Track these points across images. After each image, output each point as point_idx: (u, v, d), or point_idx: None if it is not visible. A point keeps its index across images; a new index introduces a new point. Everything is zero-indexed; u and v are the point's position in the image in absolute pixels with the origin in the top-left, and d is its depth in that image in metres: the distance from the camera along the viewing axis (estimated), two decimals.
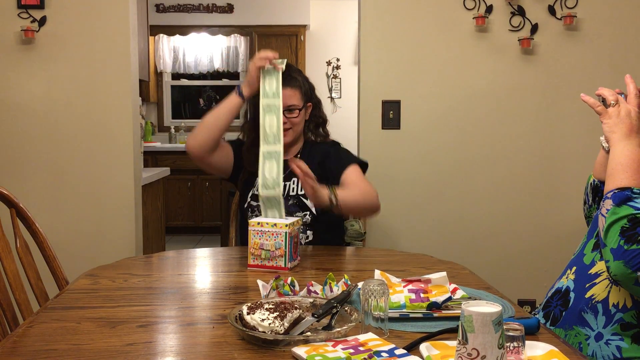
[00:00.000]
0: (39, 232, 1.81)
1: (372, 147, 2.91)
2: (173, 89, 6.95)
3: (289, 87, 2.09)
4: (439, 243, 2.93)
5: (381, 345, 1.13)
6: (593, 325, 1.35)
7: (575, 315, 1.39)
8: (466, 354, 0.90)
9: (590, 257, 1.43)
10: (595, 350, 1.33)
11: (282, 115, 2.00)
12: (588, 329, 1.35)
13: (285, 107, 2.08)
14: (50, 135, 2.90)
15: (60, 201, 2.92)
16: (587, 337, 1.35)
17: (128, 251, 2.91)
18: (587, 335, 1.35)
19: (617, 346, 1.31)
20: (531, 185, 2.93)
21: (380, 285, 1.22)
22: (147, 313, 1.39)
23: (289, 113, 2.11)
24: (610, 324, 1.33)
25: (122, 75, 2.89)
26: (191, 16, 6.53)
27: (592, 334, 1.34)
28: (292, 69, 2.18)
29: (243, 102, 2.09)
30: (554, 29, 2.86)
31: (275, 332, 1.15)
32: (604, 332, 1.33)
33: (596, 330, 1.34)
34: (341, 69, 6.53)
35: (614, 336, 1.31)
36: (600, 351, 1.32)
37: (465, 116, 2.91)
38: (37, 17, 2.85)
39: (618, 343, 1.31)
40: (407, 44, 2.88)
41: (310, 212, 2.10)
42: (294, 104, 2.12)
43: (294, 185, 2.12)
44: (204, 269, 1.89)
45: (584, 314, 1.38)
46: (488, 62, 2.88)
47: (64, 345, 1.19)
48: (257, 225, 1.75)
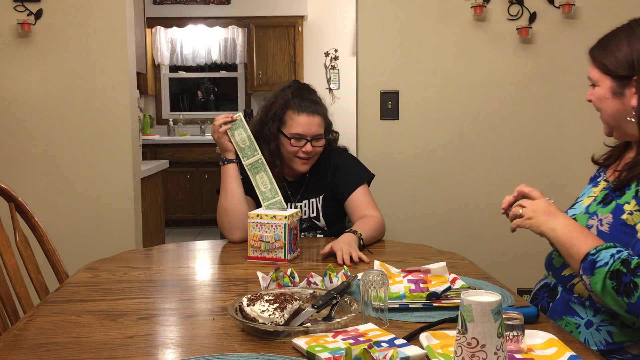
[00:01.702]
0: (38, 226, 1.81)
1: (370, 138, 2.91)
2: (171, 81, 6.93)
3: (317, 114, 2.03)
4: (438, 233, 2.93)
5: (381, 336, 1.14)
6: (582, 314, 1.37)
7: (564, 306, 1.41)
8: (466, 343, 0.90)
9: (560, 260, 1.44)
10: (587, 338, 1.34)
11: (309, 144, 2.00)
12: (577, 318, 1.37)
13: (313, 136, 2.02)
14: (48, 129, 2.90)
15: (59, 195, 2.92)
16: (578, 326, 1.36)
17: (128, 244, 2.91)
18: (577, 323, 1.37)
19: (608, 331, 1.32)
20: (530, 175, 2.93)
21: (380, 276, 1.23)
22: (147, 306, 1.40)
23: (315, 142, 2.03)
24: (599, 312, 1.34)
25: (119, 68, 2.88)
26: (188, 8, 6.51)
27: (582, 322, 1.36)
28: (313, 91, 2.11)
29: (236, 163, 2.01)
30: (553, 18, 2.85)
31: (275, 324, 1.15)
32: (594, 320, 1.34)
33: (585, 318, 1.36)
34: (339, 60, 6.50)
35: (603, 322, 1.33)
36: (592, 338, 1.34)
37: (463, 106, 2.90)
38: (34, 10, 2.84)
39: (608, 328, 1.32)
40: (405, 34, 2.88)
41: (322, 230, 2.15)
42: (320, 133, 2.05)
43: (306, 208, 2.12)
44: (204, 261, 1.89)
45: (572, 304, 1.39)
46: (486, 52, 2.88)
47: (65, 339, 1.19)
48: (257, 217, 1.75)
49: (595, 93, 1.43)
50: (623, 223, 1.31)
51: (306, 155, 2.03)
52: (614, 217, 1.34)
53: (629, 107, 1.37)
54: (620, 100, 1.38)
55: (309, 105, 2.03)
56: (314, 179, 2.13)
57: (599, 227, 1.36)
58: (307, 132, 2.01)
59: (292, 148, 2.03)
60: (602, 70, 1.40)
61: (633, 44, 1.36)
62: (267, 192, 1.92)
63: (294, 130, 2.02)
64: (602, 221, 1.36)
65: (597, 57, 1.42)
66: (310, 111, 2.02)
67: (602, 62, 1.40)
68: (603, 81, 1.40)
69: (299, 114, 2.02)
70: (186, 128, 6.73)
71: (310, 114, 2.02)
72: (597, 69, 1.42)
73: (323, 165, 2.13)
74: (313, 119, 2.01)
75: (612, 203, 1.37)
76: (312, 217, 2.13)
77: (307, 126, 2.01)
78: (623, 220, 1.32)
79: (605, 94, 1.40)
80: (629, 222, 1.30)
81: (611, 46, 1.40)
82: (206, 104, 7.03)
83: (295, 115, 2.02)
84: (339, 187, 2.10)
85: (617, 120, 1.41)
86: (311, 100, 2.05)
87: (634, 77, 1.35)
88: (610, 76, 1.39)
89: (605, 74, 1.40)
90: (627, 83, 1.37)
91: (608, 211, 1.36)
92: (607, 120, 1.44)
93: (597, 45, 1.45)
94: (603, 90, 1.41)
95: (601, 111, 1.44)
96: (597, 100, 1.43)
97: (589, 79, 1.45)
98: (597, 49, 1.44)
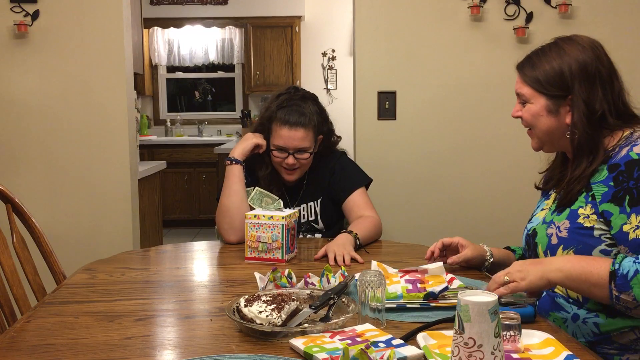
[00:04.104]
0: (35, 227, 1.81)
1: (368, 138, 2.91)
2: (168, 82, 6.92)
3: (300, 127, 1.99)
4: (435, 233, 2.92)
5: (378, 336, 1.14)
6: (567, 308, 1.39)
7: (549, 302, 1.43)
8: (463, 343, 0.91)
9: None
10: (575, 331, 1.37)
11: (291, 157, 2.00)
12: (564, 312, 1.39)
13: (295, 150, 2.01)
14: (45, 130, 2.89)
15: (56, 196, 2.91)
16: (565, 320, 1.39)
17: (125, 245, 2.91)
18: (564, 318, 1.39)
19: (595, 323, 1.34)
20: (527, 174, 2.92)
21: (377, 276, 1.23)
22: (144, 307, 1.40)
23: (299, 154, 2.02)
24: (583, 306, 1.36)
25: (116, 68, 2.88)
26: (185, 8, 6.50)
27: (568, 317, 1.38)
28: (305, 100, 2.07)
29: (243, 166, 2.01)
30: (549, 18, 2.85)
31: (272, 324, 1.16)
32: (580, 313, 1.37)
33: (571, 312, 1.38)
34: (337, 60, 6.51)
35: (589, 314, 1.35)
36: (579, 330, 1.36)
37: (460, 106, 2.91)
38: (30, 11, 2.83)
39: (595, 320, 1.34)
40: (402, 34, 2.88)
41: (320, 232, 2.15)
42: (304, 147, 2.02)
43: (305, 212, 2.13)
44: (202, 262, 1.89)
45: (556, 300, 1.42)
46: (483, 52, 2.88)
47: (62, 340, 1.19)
48: (254, 217, 1.75)
49: (529, 110, 1.45)
50: (580, 226, 1.36)
51: (289, 167, 2.03)
52: (570, 222, 1.38)
53: (564, 125, 1.42)
54: (556, 117, 1.42)
55: (292, 117, 2.00)
56: (312, 182, 2.14)
57: (558, 234, 1.40)
58: (288, 145, 2.00)
59: (276, 159, 2.04)
60: (536, 88, 1.42)
61: (564, 62, 1.39)
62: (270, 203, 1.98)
63: (276, 142, 2.02)
64: (559, 228, 1.40)
65: (529, 74, 1.44)
66: (292, 124, 1.99)
67: (535, 80, 1.42)
68: (536, 99, 1.43)
69: (282, 127, 2.00)
70: (183, 129, 6.72)
71: (292, 127, 1.99)
72: (530, 87, 1.44)
73: (321, 169, 2.14)
74: (295, 133, 1.99)
75: (565, 210, 1.41)
76: (311, 220, 2.13)
77: (288, 140, 2.00)
78: (580, 223, 1.36)
79: (539, 111, 1.43)
80: (585, 224, 1.35)
81: (542, 64, 1.42)
82: (204, 105, 7.03)
83: (278, 128, 2.01)
84: (337, 190, 2.11)
85: (551, 136, 1.45)
86: (298, 112, 2.01)
87: (569, 96, 1.39)
88: (545, 95, 1.42)
89: (540, 93, 1.42)
90: (562, 102, 1.40)
91: (564, 218, 1.40)
92: (539, 136, 1.47)
93: (525, 62, 1.47)
94: (537, 107, 1.43)
95: (534, 127, 1.46)
96: (530, 118, 1.45)
97: (519, 95, 1.47)
98: (526, 66, 1.46)
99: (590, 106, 1.38)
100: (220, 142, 5.96)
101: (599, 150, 1.37)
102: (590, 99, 1.38)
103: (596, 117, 1.38)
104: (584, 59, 1.38)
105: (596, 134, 1.38)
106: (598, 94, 1.38)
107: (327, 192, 2.12)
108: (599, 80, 1.38)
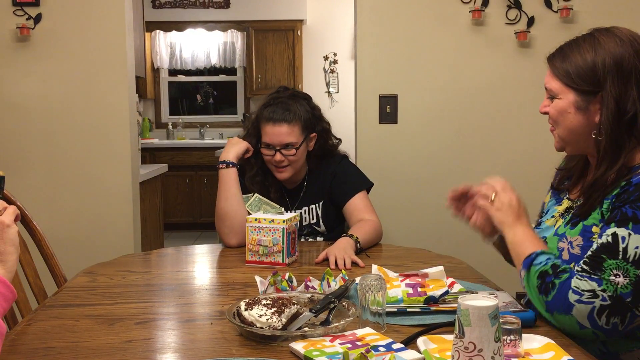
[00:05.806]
0: (36, 230, 1.81)
1: (369, 142, 2.91)
2: (170, 85, 6.94)
3: (284, 122, 1.98)
4: (437, 237, 2.93)
5: (379, 340, 1.14)
6: None
7: None
8: (463, 348, 0.91)
9: None
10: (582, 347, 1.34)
11: (278, 154, 2.00)
12: None
13: (282, 145, 2.00)
14: (47, 133, 2.90)
15: (58, 199, 2.92)
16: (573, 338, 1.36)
17: (126, 248, 2.91)
18: None
19: (603, 341, 1.31)
20: (528, 179, 2.93)
21: (378, 280, 1.23)
22: (145, 310, 1.40)
23: (285, 150, 2.00)
24: None
25: (118, 71, 2.89)
26: (187, 12, 6.51)
27: None
28: (294, 98, 2.06)
29: (237, 168, 2.02)
30: (551, 22, 2.85)
31: (273, 328, 1.15)
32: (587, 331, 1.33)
33: None
34: (338, 64, 6.51)
35: None
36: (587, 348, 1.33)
37: (462, 110, 2.91)
38: (33, 14, 2.84)
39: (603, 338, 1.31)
40: (403, 38, 2.88)
41: (322, 234, 2.15)
42: (290, 142, 2.00)
43: (306, 215, 2.13)
44: (202, 265, 1.89)
45: None
46: (485, 56, 2.88)
47: (63, 343, 1.19)
48: (255, 221, 1.75)
49: (556, 106, 1.34)
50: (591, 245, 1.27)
51: (277, 164, 2.03)
52: (583, 239, 1.32)
53: (592, 124, 1.31)
54: (584, 115, 1.31)
55: (276, 114, 1.99)
56: (313, 185, 2.14)
57: (570, 250, 1.34)
58: (273, 141, 2.00)
59: (265, 157, 2.05)
60: (565, 82, 1.32)
61: (598, 55, 1.28)
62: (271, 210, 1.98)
63: (263, 139, 2.03)
64: (572, 244, 1.34)
65: (559, 67, 1.33)
66: (276, 120, 1.99)
67: (565, 74, 1.31)
68: (565, 94, 1.32)
69: (266, 124, 2.01)
70: (185, 132, 6.73)
71: (277, 122, 1.99)
72: (559, 81, 1.33)
73: (322, 172, 2.14)
74: (279, 128, 1.99)
75: (579, 225, 1.33)
76: (312, 223, 2.13)
77: (272, 136, 2.00)
78: (592, 242, 1.28)
79: (567, 107, 1.33)
80: None
81: (574, 56, 1.31)
82: (205, 108, 7.04)
83: (264, 125, 2.02)
84: (338, 193, 2.11)
85: (576, 136, 1.35)
86: (282, 109, 2.00)
87: (600, 93, 1.28)
88: (574, 90, 1.31)
89: (569, 87, 1.32)
90: (592, 98, 1.29)
91: (576, 233, 1.33)
92: (563, 135, 1.37)
93: (557, 54, 1.35)
94: (564, 103, 1.33)
95: (558, 125, 1.37)
96: (556, 114, 1.35)
97: (547, 89, 1.37)
98: (557, 58, 1.34)
99: (622, 105, 1.26)
100: (222, 146, 5.91)
101: (620, 157, 1.27)
102: (622, 97, 1.25)
103: (626, 118, 1.26)
104: (621, 53, 1.26)
105: (622, 138, 1.27)
106: (632, 93, 1.26)
107: (329, 195, 2.13)
108: (635, 79, 1.26)
